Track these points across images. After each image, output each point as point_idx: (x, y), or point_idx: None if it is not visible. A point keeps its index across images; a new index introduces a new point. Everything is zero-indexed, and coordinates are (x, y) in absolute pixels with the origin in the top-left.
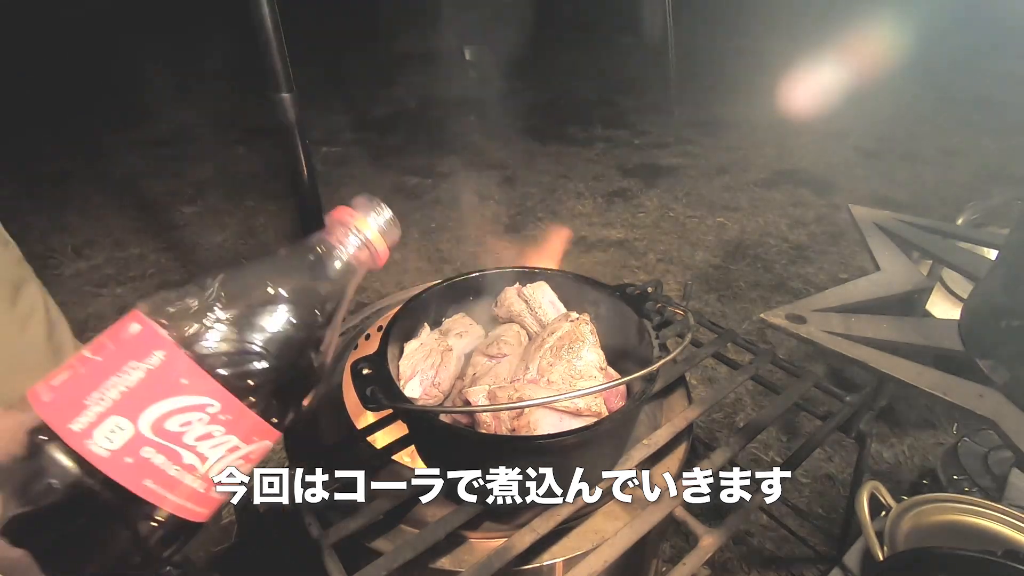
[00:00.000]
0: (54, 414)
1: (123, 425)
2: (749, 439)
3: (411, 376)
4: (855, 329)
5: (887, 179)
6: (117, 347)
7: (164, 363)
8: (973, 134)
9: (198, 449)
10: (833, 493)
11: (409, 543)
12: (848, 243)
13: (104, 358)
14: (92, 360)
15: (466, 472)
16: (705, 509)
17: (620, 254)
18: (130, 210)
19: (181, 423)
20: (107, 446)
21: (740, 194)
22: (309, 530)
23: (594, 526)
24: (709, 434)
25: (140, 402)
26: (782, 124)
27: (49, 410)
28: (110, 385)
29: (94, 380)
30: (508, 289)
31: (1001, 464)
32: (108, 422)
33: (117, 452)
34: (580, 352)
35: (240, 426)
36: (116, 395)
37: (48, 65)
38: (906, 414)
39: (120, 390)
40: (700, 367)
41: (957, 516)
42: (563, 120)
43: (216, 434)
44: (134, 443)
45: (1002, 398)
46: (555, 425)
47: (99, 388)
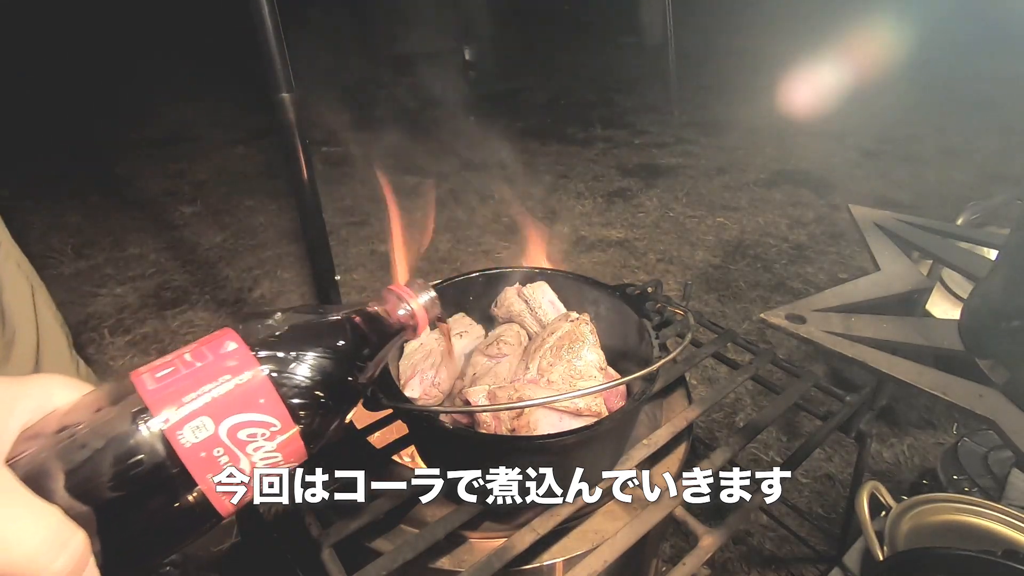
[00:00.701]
0: (158, 402)
1: (207, 425)
2: (749, 439)
3: (411, 376)
4: (855, 329)
5: (887, 179)
6: (215, 359)
7: (251, 382)
8: (973, 134)
9: (252, 457)
10: (833, 493)
11: (409, 543)
12: (848, 243)
13: (204, 366)
14: (193, 364)
15: (466, 472)
16: (705, 509)
17: (620, 254)
18: (130, 210)
19: (249, 434)
20: (191, 439)
21: (740, 194)
22: (309, 530)
23: (594, 526)
24: (709, 434)
25: (225, 409)
26: (782, 124)
27: (153, 398)
28: (206, 390)
29: (194, 383)
30: (508, 289)
31: (1001, 464)
32: (197, 420)
33: (197, 446)
34: (580, 352)
35: (287, 447)
36: (208, 399)
37: (48, 65)
38: (906, 414)
39: (212, 396)
40: (700, 367)
41: (957, 516)
42: (563, 120)
43: (269, 449)
44: (211, 442)
45: (1002, 398)
46: (555, 425)
47: (197, 390)
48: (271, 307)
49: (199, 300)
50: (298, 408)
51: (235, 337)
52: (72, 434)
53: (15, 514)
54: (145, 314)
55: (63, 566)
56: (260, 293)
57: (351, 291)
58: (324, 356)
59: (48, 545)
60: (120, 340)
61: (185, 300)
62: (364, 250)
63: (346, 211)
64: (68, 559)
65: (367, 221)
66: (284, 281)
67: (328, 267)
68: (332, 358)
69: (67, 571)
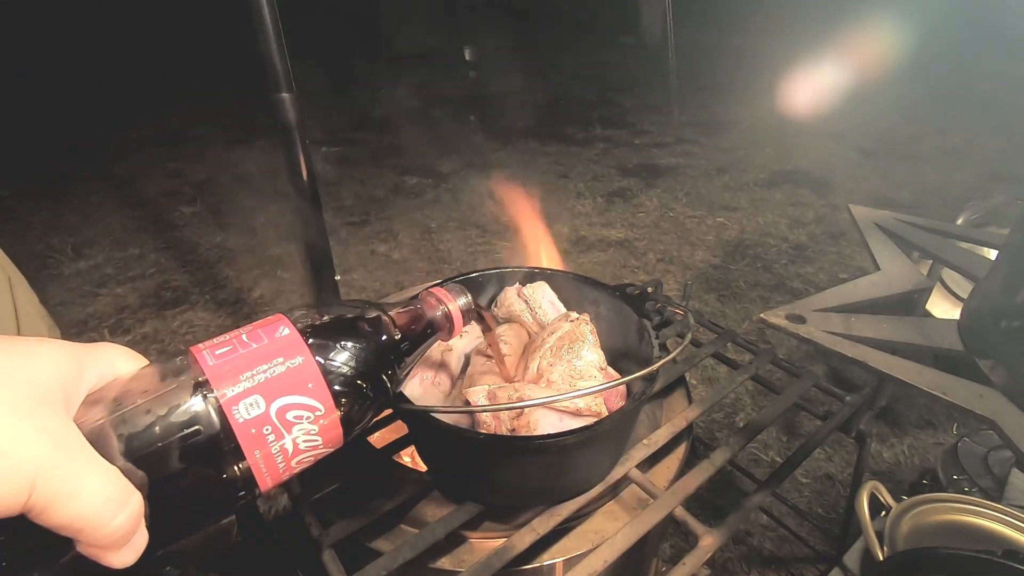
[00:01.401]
0: (217, 378)
1: (260, 403)
2: (749, 439)
3: (411, 376)
4: (855, 329)
5: (887, 179)
6: (270, 342)
7: (302, 366)
8: (973, 134)
9: (296, 439)
10: (833, 493)
11: (409, 543)
12: (848, 243)
13: (259, 347)
14: (249, 345)
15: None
16: (705, 509)
17: (620, 254)
18: (130, 210)
19: (295, 415)
20: (244, 415)
21: (740, 194)
22: (309, 530)
23: (594, 526)
24: (709, 434)
25: (277, 390)
26: (782, 124)
27: (213, 373)
28: (261, 370)
29: (250, 362)
30: (508, 289)
31: (1001, 464)
32: (251, 398)
33: (248, 422)
34: (580, 352)
35: (328, 431)
36: (263, 379)
37: (48, 65)
38: (906, 414)
39: (267, 376)
40: (700, 367)
41: (957, 516)
42: (563, 120)
43: (311, 432)
44: (262, 419)
45: (1002, 398)
46: (555, 425)
47: (252, 369)
48: (292, 304)
49: (199, 300)
50: (341, 395)
51: (288, 324)
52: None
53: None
54: (145, 314)
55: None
56: (260, 293)
57: (351, 291)
58: (367, 349)
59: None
60: (120, 340)
61: (185, 300)
62: (364, 250)
63: (346, 211)
64: (126, 518)
65: (367, 221)
66: (284, 281)
67: (328, 267)
68: (374, 351)
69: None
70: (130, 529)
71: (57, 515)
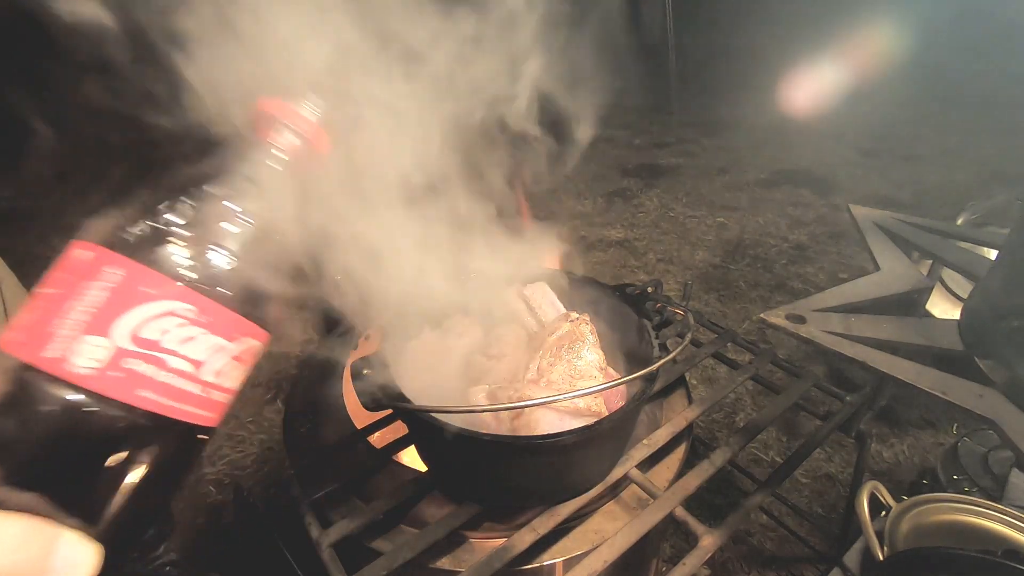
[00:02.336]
0: (25, 348)
1: (99, 343)
2: (749, 439)
3: (411, 376)
4: (855, 329)
5: (887, 179)
6: (73, 276)
7: (125, 279)
8: (973, 134)
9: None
10: (833, 493)
11: (409, 543)
12: (848, 243)
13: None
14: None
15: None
16: (705, 509)
17: (620, 254)
18: None
19: (159, 330)
20: (90, 365)
21: (740, 194)
22: (309, 530)
23: (594, 526)
24: (709, 434)
25: (109, 318)
26: (782, 124)
27: (19, 347)
28: (75, 309)
29: (57, 309)
30: (508, 289)
31: (1001, 464)
32: (84, 342)
33: (101, 368)
34: (580, 352)
35: (221, 325)
36: (84, 316)
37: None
38: (906, 414)
39: (87, 311)
40: (700, 367)
41: (957, 516)
42: None
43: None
44: (116, 357)
45: (1002, 398)
46: (555, 425)
47: (63, 315)
48: None
49: None
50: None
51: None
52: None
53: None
54: None
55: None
56: None
57: None
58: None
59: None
60: None
61: None
62: None
63: None
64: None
65: None
66: None
67: None
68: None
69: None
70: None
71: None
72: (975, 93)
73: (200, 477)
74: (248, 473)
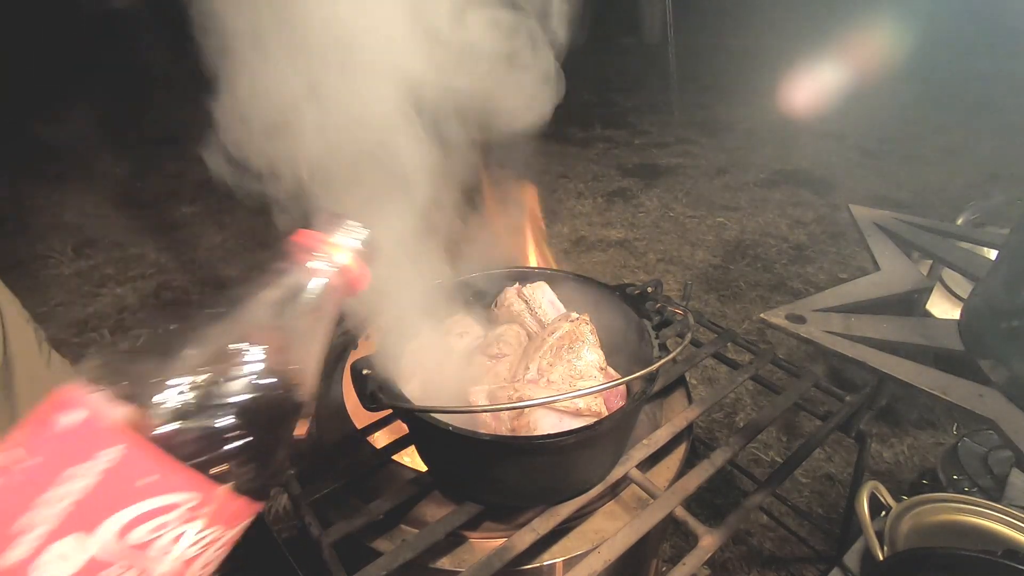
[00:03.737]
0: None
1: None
2: (749, 439)
3: (411, 376)
4: (855, 329)
5: (887, 179)
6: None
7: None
8: (973, 134)
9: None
10: (833, 493)
11: (409, 543)
12: (848, 243)
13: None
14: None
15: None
16: (705, 509)
17: (620, 254)
18: (130, 210)
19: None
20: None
21: (740, 194)
22: (309, 530)
23: (594, 526)
24: (709, 434)
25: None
26: (782, 124)
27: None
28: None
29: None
30: (508, 289)
31: (1001, 464)
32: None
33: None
34: (580, 352)
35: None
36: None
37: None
38: (906, 414)
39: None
40: (700, 367)
41: (957, 516)
42: (563, 120)
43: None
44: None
45: (1002, 398)
46: (555, 425)
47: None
48: None
49: (199, 300)
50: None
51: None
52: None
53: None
54: (145, 314)
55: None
56: None
57: None
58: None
59: None
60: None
61: (185, 300)
62: None
63: None
64: None
65: None
66: None
67: None
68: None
69: None
70: None
71: None
72: (975, 93)
73: None
74: None
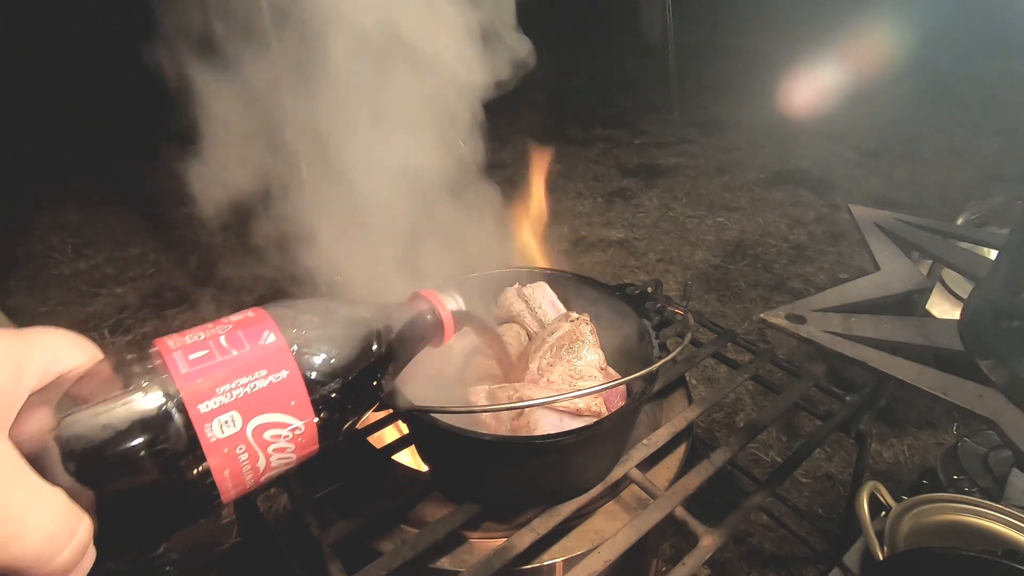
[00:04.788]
0: (191, 389)
1: (236, 421)
2: (749, 439)
3: (411, 376)
4: (855, 329)
5: (887, 179)
6: (252, 350)
7: (286, 381)
8: (973, 134)
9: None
10: (833, 493)
11: (409, 543)
12: (848, 243)
13: (240, 355)
14: (228, 351)
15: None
16: (705, 509)
17: (620, 254)
18: (130, 210)
19: (273, 434)
20: (218, 434)
21: (740, 194)
22: (309, 530)
23: (594, 526)
24: (709, 434)
25: (257, 407)
26: (782, 124)
27: (187, 384)
28: (241, 384)
29: (229, 373)
30: (508, 289)
31: (1001, 464)
32: (227, 415)
33: (221, 441)
34: (580, 352)
35: (304, 447)
36: (242, 394)
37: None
38: (906, 414)
39: (247, 391)
40: (700, 367)
41: (957, 516)
42: (563, 120)
43: (287, 450)
44: (236, 439)
45: (1002, 398)
46: (555, 425)
47: (232, 382)
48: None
49: (199, 300)
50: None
51: (273, 327)
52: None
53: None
54: (145, 314)
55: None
56: (260, 294)
57: (349, 292)
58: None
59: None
60: (120, 340)
61: (185, 300)
62: None
63: None
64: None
65: None
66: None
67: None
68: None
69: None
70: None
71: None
72: (975, 93)
73: None
74: None
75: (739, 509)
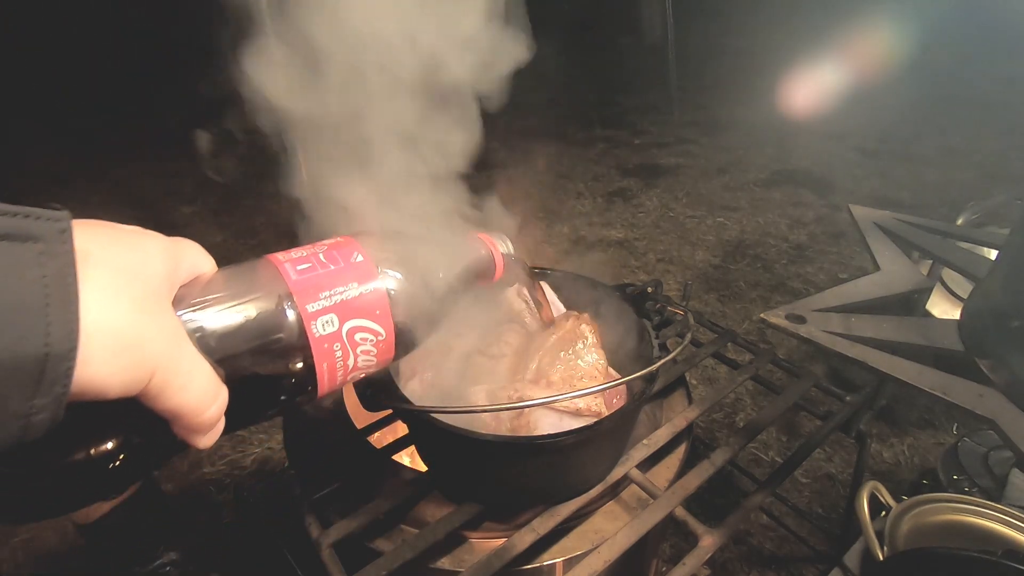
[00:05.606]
0: (301, 292)
1: (335, 322)
2: (749, 439)
3: (411, 376)
4: (855, 329)
5: (887, 179)
6: (346, 266)
7: (373, 293)
8: (973, 134)
9: (359, 358)
10: (833, 493)
11: (409, 543)
12: (848, 243)
13: (336, 269)
14: (327, 265)
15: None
16: (705, 509)
17: (620, 254)
18: (130, 210)
19: (362, 337)
20: (320, 331)
21: (740, 194)
22: (309, 530)
23: (594, 526)
24: (709, 434)
25: (351, 312)
26: (782, 124)
27: (297, 287)
28: (338, 291)
29: (328, 282)
30: (508, 289)
31: (1001, 464)
32: (328, 315)
33: (323, 337)
34: (580, 352)
35: (384, 353)
36: (339, 300)
37: (49, 63)
38: (906, 414)
39: (343, 298)
40: (700, 367)
41: (957, 516)
42: (563, 120)
43: (371, 353)
44: (334, 336)
45: (1002, 398)
46: (555, 425)
47: (331, 289)
48: None
49: None
50: (403, 321)
51: (361, 250)
52: (224, 302)
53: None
54: None
55: (213, 413)
56: None
57: None
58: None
59: (208, 395)
60: None
61: None
62: None
63: None
64: (217, 409)
65: None
66: None
67: None
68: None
69: (214, 418)
70: (217, 418)
71: (166, 401)
72: (975, 94)
73: (200, 477)
74: (248, 473)
75: (739, 509)
